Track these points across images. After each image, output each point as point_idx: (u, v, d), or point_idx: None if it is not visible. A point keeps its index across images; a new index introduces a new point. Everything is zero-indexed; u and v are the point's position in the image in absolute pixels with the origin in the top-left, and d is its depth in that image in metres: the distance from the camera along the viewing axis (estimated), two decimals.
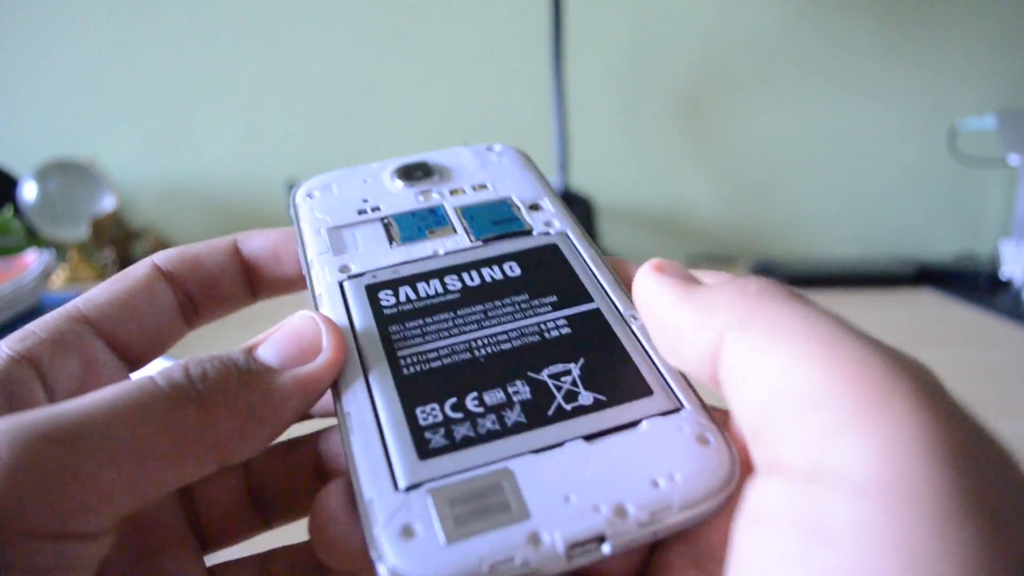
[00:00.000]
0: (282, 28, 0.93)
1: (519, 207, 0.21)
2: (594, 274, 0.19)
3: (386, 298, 0.18)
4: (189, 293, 0.19)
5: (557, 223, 0.21)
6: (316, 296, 0.19)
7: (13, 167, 0.87)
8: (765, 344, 0.13)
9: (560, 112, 0.84)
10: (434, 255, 0.20)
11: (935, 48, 0.96)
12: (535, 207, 0.21)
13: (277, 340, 0.16)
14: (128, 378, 0.18)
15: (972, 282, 0.80)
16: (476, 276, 0.19)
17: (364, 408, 0.16)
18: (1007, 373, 0.56)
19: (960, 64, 0.96)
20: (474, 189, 0.22)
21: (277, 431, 0.15)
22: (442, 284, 0.19)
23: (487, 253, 0.20)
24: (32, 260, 0.64)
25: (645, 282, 0.16)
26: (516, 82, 0.95)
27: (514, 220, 0.21)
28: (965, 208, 1.01)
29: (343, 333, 0.17)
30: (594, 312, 0.18)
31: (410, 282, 0.19)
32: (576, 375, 0.16)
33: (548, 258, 0.20)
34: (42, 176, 0.83)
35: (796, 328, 0.12)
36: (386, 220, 0.21)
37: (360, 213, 0.21)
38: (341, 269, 0.19)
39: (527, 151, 0.24)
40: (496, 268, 0.19)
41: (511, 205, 0.21)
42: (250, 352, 0.16)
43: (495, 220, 0.21)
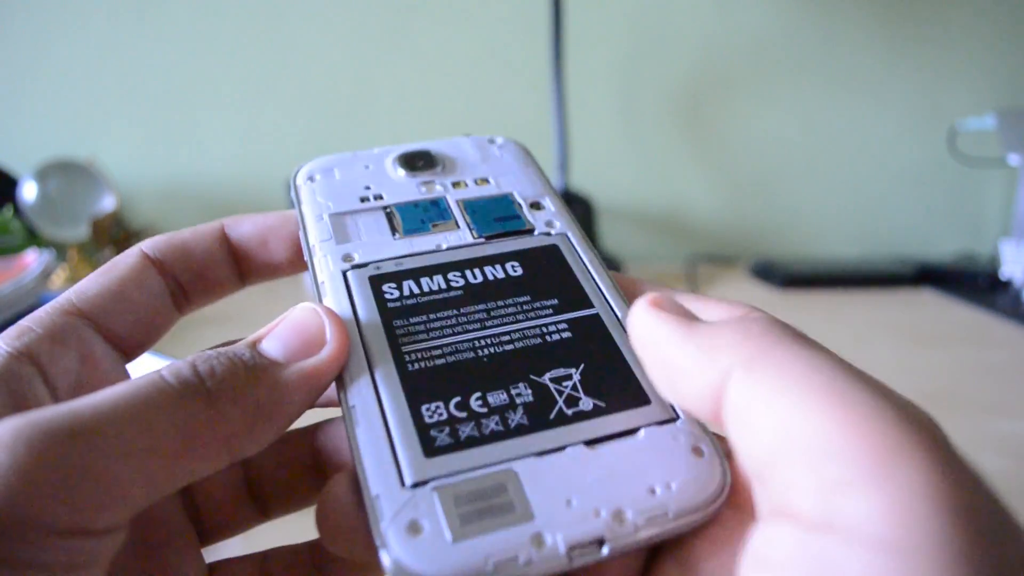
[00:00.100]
0: (282, 28, 0.93)
1: (520, 204, 0.21)
2: (593, 278, 0.19)
3: (390, 291, 0.18)
4: (178, 280, 0.19)
5: (558, 223, 0.21)
6: (319, 284, 0.19)
7: (13, 167, 0.87)
8: (773, 388, 0.13)
9: (560, 112, 0.84)
10: (437, 249, 0.20)
11: (935, 48, 0.96)
12: (536, 205, 0.21)
13: (281, 333, 0.16)
14: (124, 369, 0.18)
15: (972, 282, 0.80)
16: (479, 274, 0.19)
17: (370, 402, 0.16)
18: (1007, 373, 0.57)
19: (960, 64, 0.96)
20: (476, 183, 0.22)
21: (284, 425, 0.16)
22: (445, 280, 0.19)
23: (489, 251, 0.20)
24: (32, 260, 0.63)
25: (643, 319, 0.16)
26: (516, 82, 0.95)
27: (516, 218, 0.21)
28: (965, 208, 1.01)
29: (346, 326, 0.17)
30: (594, 317, 0.18)
31: (414, 276, 0.19)
32: (577, 380, 0.17)
33: (549, 259, 0.20)
34: (42, 176, 0.83)
35: (804, 372, 0.13)
36: (388, 210, 0.21)
37: (362, 200, 0.21)
38: (344, 258, 0.19)
39: None
40: (499, 267, 0.19)
41: (512, 202, 0.21)
42: (255, 346, 0.16)
43: (497, 217, 0.21)
